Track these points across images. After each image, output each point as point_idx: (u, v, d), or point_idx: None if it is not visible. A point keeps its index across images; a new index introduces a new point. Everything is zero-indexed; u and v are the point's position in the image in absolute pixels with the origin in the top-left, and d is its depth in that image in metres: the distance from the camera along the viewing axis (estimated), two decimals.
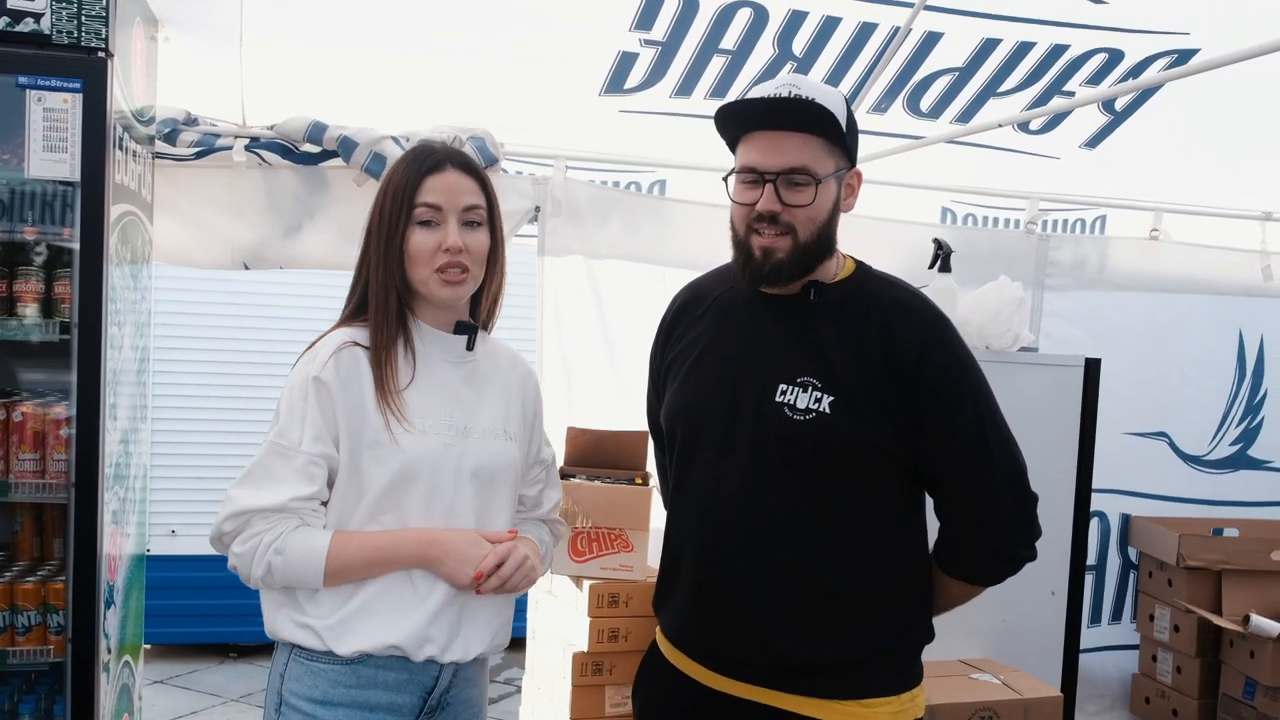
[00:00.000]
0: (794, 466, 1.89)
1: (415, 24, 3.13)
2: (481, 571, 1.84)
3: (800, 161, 1.85)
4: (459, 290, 1.92)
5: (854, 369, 1.88)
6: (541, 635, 3.44)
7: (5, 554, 3.02)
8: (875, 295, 1.96)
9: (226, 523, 1.83)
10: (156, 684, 5.33)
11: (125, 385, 2.89)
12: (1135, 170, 4.14)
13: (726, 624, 1.94)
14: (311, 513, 1.84)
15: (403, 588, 1.86)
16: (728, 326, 2.02)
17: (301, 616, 1.85)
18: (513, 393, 2.05)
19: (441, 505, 1.88)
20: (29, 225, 2.73)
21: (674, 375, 2.09)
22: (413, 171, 1.89)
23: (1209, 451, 4.63)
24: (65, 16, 2.56)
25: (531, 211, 3.68)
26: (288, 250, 3.46)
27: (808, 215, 1.87)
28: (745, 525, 1.92)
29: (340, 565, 1.82)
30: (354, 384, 1.84)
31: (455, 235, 1.88)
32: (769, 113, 1.87)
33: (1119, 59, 3.45)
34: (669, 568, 2.08)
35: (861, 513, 1.92)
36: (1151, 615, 4.24)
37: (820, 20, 3.21)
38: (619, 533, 3.15)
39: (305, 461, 1.82)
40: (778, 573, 1.90)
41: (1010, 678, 3.09)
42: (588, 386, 3.79)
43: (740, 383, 1.95)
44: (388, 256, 1.88)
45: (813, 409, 1.87)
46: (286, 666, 1.87)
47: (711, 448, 1.97)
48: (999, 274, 3.51)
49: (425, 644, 1.86)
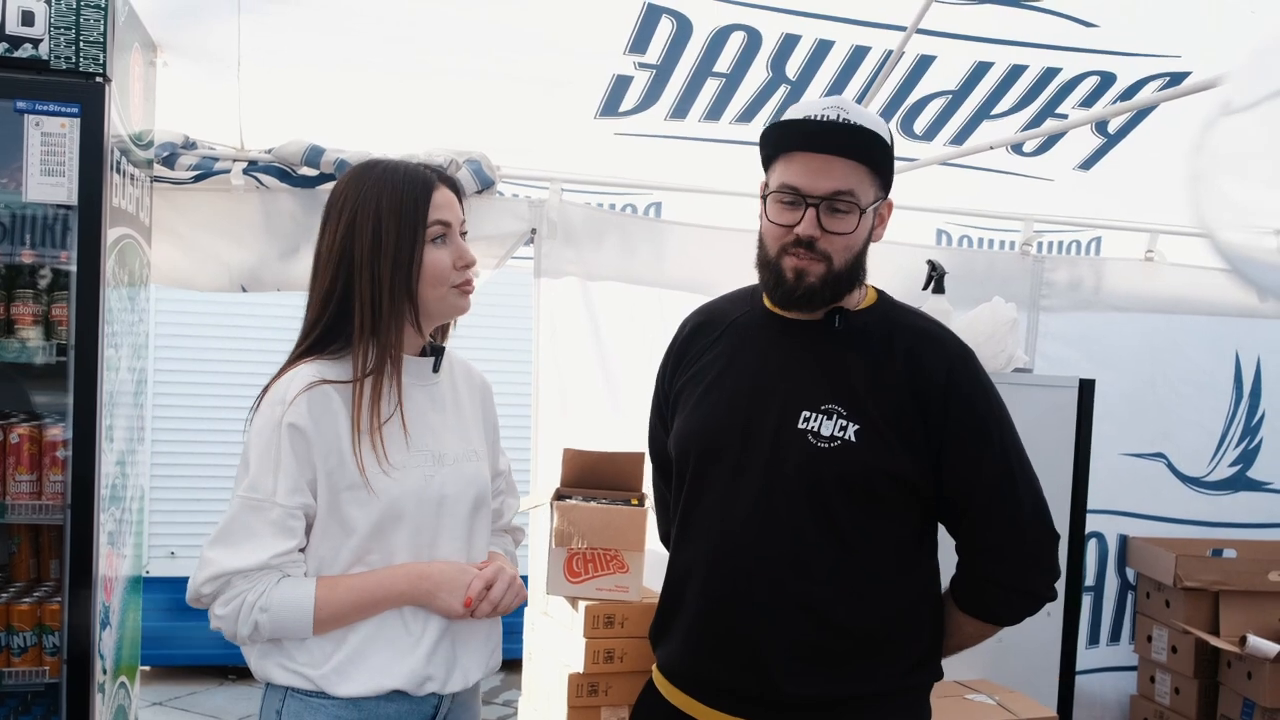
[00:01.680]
0: (812, 495, 1.83)
1: (411, 48, 3.16)
2: (470, 597, 1.81)
3: (847, 186, 1.80)
4: (469, 300, 1.90)
5: (879, 398, 1.83)
6: (537, 656, 3.44)
7: (2, 575, 3.02)
8: (899, 324, 1.92)
9: (205, 585, 1.76)
10: (155, 705, 5.31)
11: (122, 407, 2.90)
12: (1130, 192, 4.15)
13: (730, 655, 1.88)
14: (291, 563, 1.78)
15: (395, 628, 1.81)
16: (745, 351, 1.96)
17: (292, 664, 1.80)
18: (474, 409, 2.01)
19: (426, 538, 1.85)
20: (27, 248, 2.75)
21: (686, 399, 2.01)
22: (416, 190, 1.82)
23: (1208, 473, 4.63)
24: (63, 42, 2.58)
25: (527, 234, 3.69)
26: (285, 273, 3.47)
27: (845, 243, 1.82)
28: (756, 553, 1.86)
29: (330, 613, 1.76)
30: (328, 424, 1.76)
31: (469, 250, 1.87)
32: (821, 135, 1.81)
33: (1111, 81, 3.47)
34: (670, 599, 2.00)
35: (877, 545, 1.86)
36: (1149, 636, 4.23)
37: (814, 43, 3.23)
38: (614, 554, 3.14)
39: (282, 515, 1.75)
40: (788, 603, 1.84)
41: (1006, 698, 3.08)
42: (584, 408, 3.80)
43: (758, 408, 1.89)
44: (393, 279, 1.79)
45: (838, 437, 1.82)
46: (284, 704, 1.81)
47: (725, 473, 1.90)
48: (994, 295, 3.52)
49: (426, 682, 1.82)
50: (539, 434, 3.77)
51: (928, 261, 3.44)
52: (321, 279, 1.85)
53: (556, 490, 3.30)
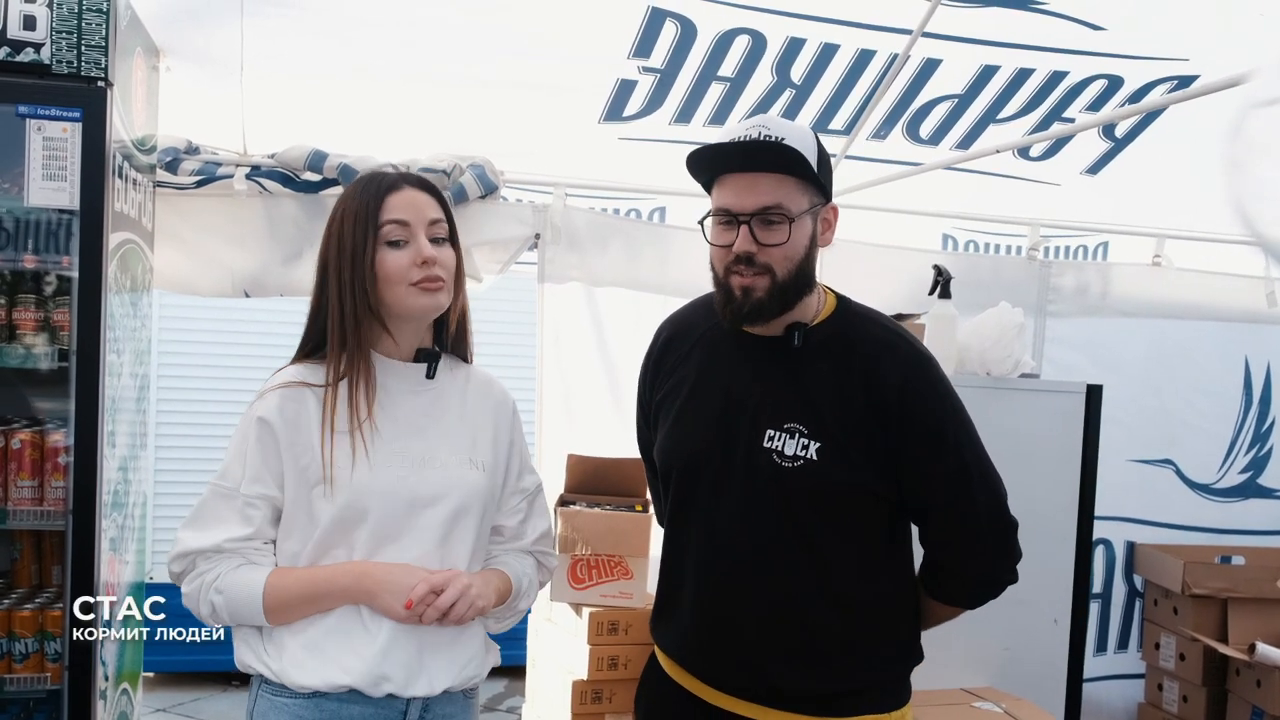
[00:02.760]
0: (785, 510, 1.93)
1: (414, 52, 3.15)
2: (411, 600, 1.78)
3: (774, 200, 1.86)
4: (438, 298, 1.86)
5: (838, 412, 1.92)
6: (541, 663, 3.42)
7: (4, 581, 3.01)
8: (857, 334, 1.98)
9: (174, 563, 1.85)
10: (159, 712, 5.31)
11: (124, 413, 2.89)
12: (1137, 196, 4.14)
13: (726, 656, 2.00)
14: (255, 551, 1.84)
15: (351, 624, 1.82)
16: (714, 368, 2.04)
17: (261, 651, 1.85)
18: (483, 420, 2.00)
19: (391, 538, 1.84)
20: (29, 254, 2.74)
21: (665, 414, 2.11)
22: (371, 193, 1.85)
23: (1217, 480, 4.60)
24: (65, 46, 2.58)
25: (531, 239, 3.68)
26: (288, 278, 3.47)
27: (783, 254, 1.88)
28: (740, 565, 1.96)
29: (278, 602, 1.80)
30: (300, 421, 1.82)
31: (429, 246, 1.84)
32: (739, 155, 1.88)
33: (1118, 85, 3.45)
34: (668, 591, 2.12)
35: (853, 552, 1.97)
36: (1157, 644, 4.20)
37: (819, 47, 3.22)
38: (618, 560, 3.14)
39: (242, 503, 1.83)
40: (774, 611, 1.95)
41: (1013, 706, 3.05)
42: (588, 414, 3.79)
43: (730, 427, 1.98)
44: (353, 283, 1.82)
45: (800, 455, 1.91)
46: (255, 703, 1.86)
47: (706, 489, 2.01)
48: (1000, 300, 3.50)
49: (382, 681, 1.81)
50: (542, 440, 3.76)
51: (934, 266, 3.42)
52: (315, 289, 1.92)
53: (560, 496, 3.29)
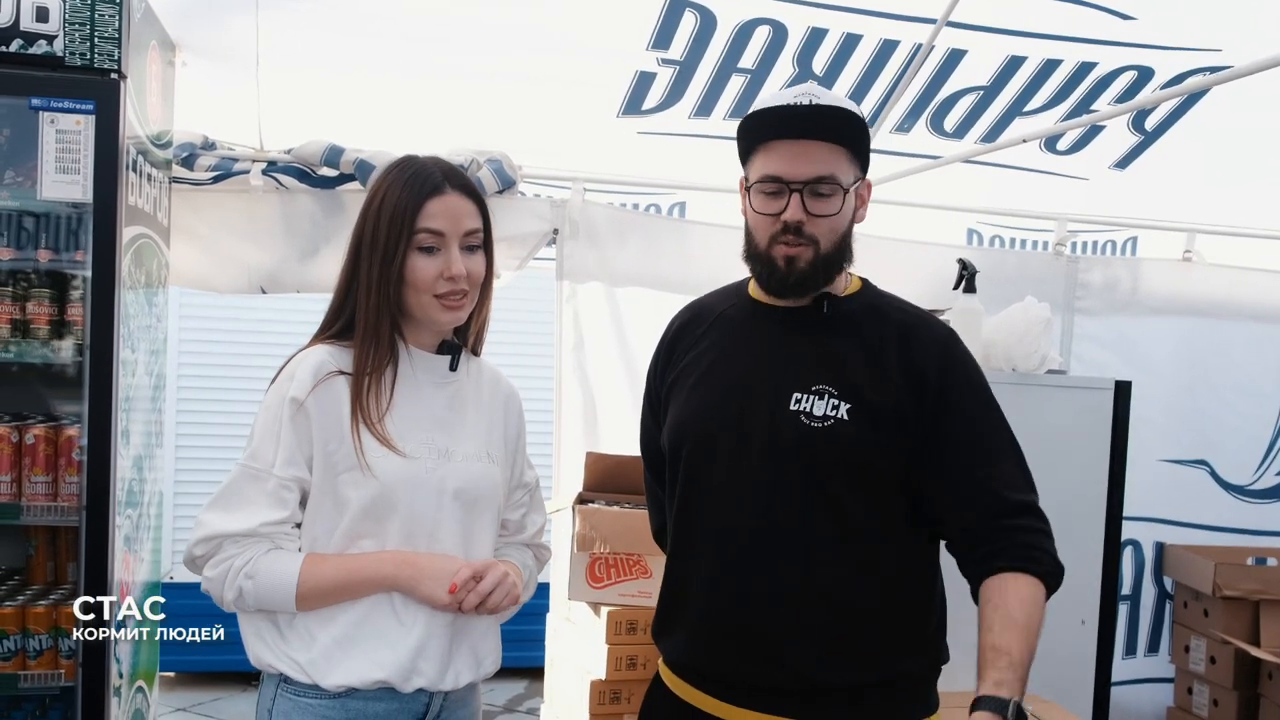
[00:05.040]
0: (811, 476, 1.81)
1: (431, 47, 3.13)
2: (456, 584, 1.78)
3: (828, 170, 1.80)
4: (458, 315, 1.87)
5: (871, 379, 1.83)
6: (560, 663, 3.39)
7: (19, 578, 3.01)
8: (886, 308, 1.94)
9: (198, 546, 1.80)
10: (179, 711, 5.31)
11: (139, 410, 2.88)
12: (1167, 191, 4.06)
13: (739, 646, 1.84)
14: (284, 536, 1.80)
15: (384, 615, 1.81)
16: (734, 340, 1.96)
17: (284, 646, 1.81)
18: (496, 415, 2.00)
19: (423, 530, 1.84)
20: (43, 248, 2.74)
21: (677, 393, 2.00)
22: (413, 193, 1.81)
23: (1253, 480, 4.52)
24: (78, 39, 2.57)
25: (549, 234, 3.66)
26: (305, 274, 3.45)
27: (831, 225, 1.83)
28: (760, 540, 1.83)
29: (312, 588, 1.77)
30: (332, 406, 1.80)
31: (458, 263, 1.82)
32: (795, 121, 1.82)
33: (1149, 77, 3.38)
34: (671, 596, 1.98)
35: (880, 525, 1.84)
36: (1187, 646, 4.12)
37: (841, 38, 3.17)
38: (637, 558, 3.10)
39: (276, 485, 1.79)
40: (796, 590, 1.81)
41: (1039, 709, 2.99)
42: (607, 410, 3.76)
43: (750, 394, 1.87)
44: (383, 281, 1.81)
45: (830, 415, 1.81)
46: (274, 702, 1.81)
47: (721, 462, 1.88)
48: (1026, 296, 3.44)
49: (414, 676, 1.81)
50: (561, 437, 3.73)
51: (958, 260, 3.36)
52: (345, 265, 1.89)
53: (579, 494, 3.26)
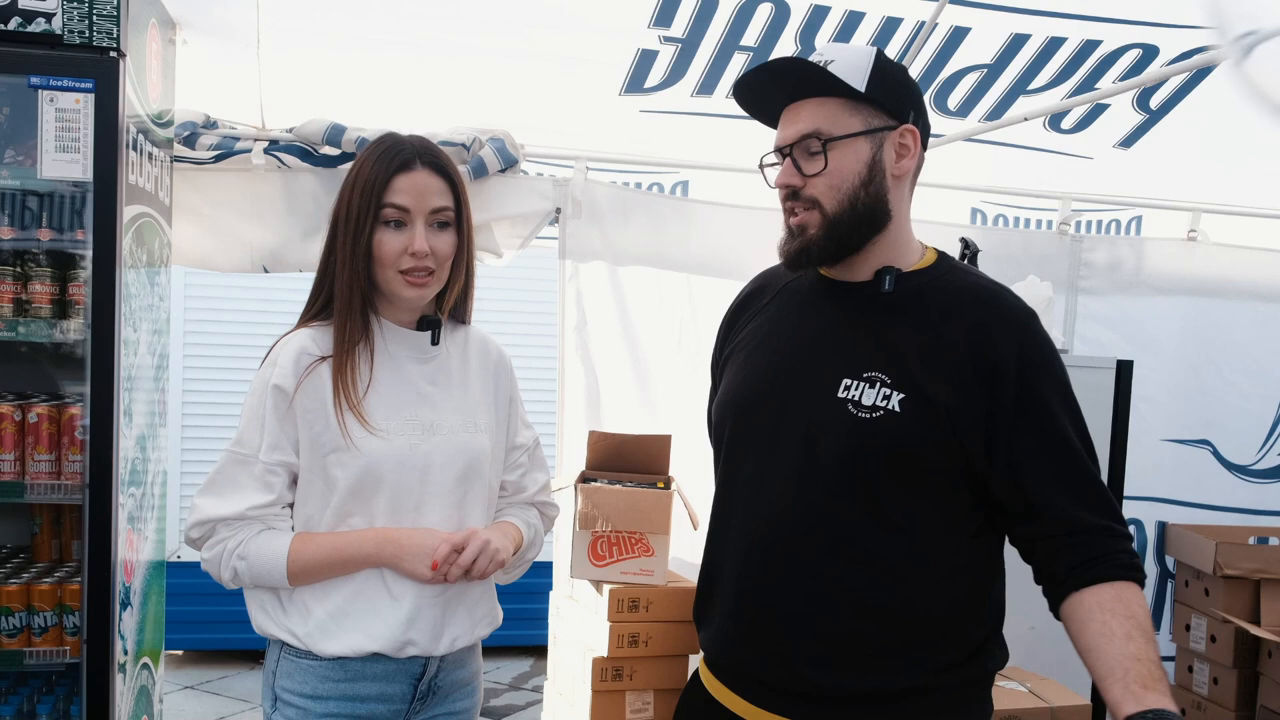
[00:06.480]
0: (851, 470, 1.68)
1: (433, 25, 3.11)
2: (436, 561, 1.84)
3: (811, 127, 1.70)
4: (423, 292, 1.90)
5: (930, 367, 1.68)
6: (562, 640, 3.41)
7: (24, 556, 3.03)
8: (959, 286, 1.76)
9: (193, 529, 1.89)
10: (187, 689, 5.34)
11: (141, 389, 2.89)
12: (1171, 170, 4.04)
13: (765, 647, 1.74)
14: (275, 516, 1.88)
15: (376, 589, 1.88)
16: (788, 315, 1.85)
17: (284, 618, 1.89)
18: (485, 383, 2.04)
19: (409, 505, 1.89)
20: (44, 227, 2.74)
21: (731, 366, 1.91)
22: (381, 169, 1.85)
23: (1256, 460, 4.51)
24: (76, 16, 2.56)
25: (552, 213, 3.65)
26: (307, 253, 3.44)
27: (827, 183, 1.70)
28: (790, 535, 1.72)
29: (301, 566, 1.85)
30: (315, 390, 1.85)
31: (421, 239, 1.85)
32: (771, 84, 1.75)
33: (1153, 55, 3.36)
34: (707, 581, 1.89)
35: (924, 525, 1.69)
36: (1187, 625, 4.12)
37: (843, 15, 3.15)
38: (640, 537, 3.11)
39: (263, 470, 1.85)
40: (825, 590, 1.70)
41: (1038, 685, 3.01)
42: (610, 389, 3.77)
43: (795, 376, 1.76)
44: (354, 255, 1.85)
45: (880, 406, 1.67)
46: (278, 664, 1.90)
47: (759, 447, 1.78)
48: (1030, 275, 3.44)
49: (407, 646, 1.88)
50: (564, 415, 3.73)
51: (960, 239, 3.35)
52: (325, 243, 1.95)
53: (581, 473, 3.26)
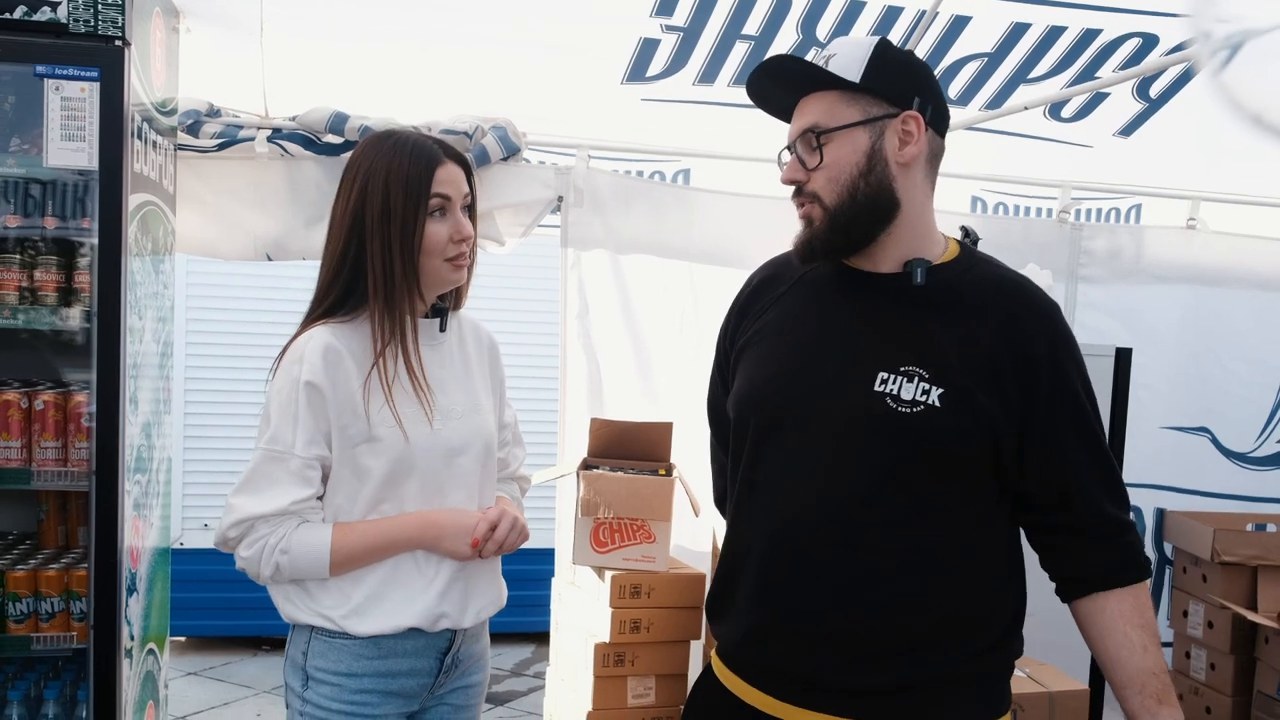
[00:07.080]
0: (888, 465, 1.68)
1: (435, 13, 3.12)
2: (477, 539, 1.96)
3: (810, 121, 1.73)
4: (464, 274, 2.02)
5: (966, 360, 1.67)
6: (564, 626, 3.43)
7: (31, 542, 3.05)
8: (988, 279, 1.77)
9: (230, 530, 1.92)
10: (190, 675, 5.38)
11: (147, 375, 2.90)
12: (1171, 158, 4.05)
13: (792, 639, 1.73)
14: (310, 510, 1.94)
15: (409, 570, 1.97)
16: (813, 306, 1.82)
17: (315, 605, 1.96)
18: (482, 366, 2.14)
19: (435, 488, 1.99)
20: (50, 215, 2.75)
21: (748, 359, 1.88)
22: (422, 164, 1.93)
23: (1255, 448, 4.52)
24: (82, 5, 2.57)
25: (554, 201, 3.66)
26: (310, 241, 3.45)
27: (826, 175, 1.71)
28: (822, 528, 1.70)
29: (344, 556, 1.92)
30: (341, 383, 1.91)
31: (466, 224, 1.97)
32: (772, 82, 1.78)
33: (1154, 44, 3.37)
34: (726, 575, 1.86)
35: (957, 519, 1.70)
36: (1185, 611, 4.14)
37: (845, 4, 3.16)
38: (641, 523, 3.13)
39: (300, 465, 1.90)
40: (856, 583, 1.69)
41: (1036, 671, 3.03)
42: (612, 377, 3.78)
43: (827, 370, 1.74)
44: (404, 248, 1.90)
45: (920, 401, 1.65)
46: (309, 644, 1.96)
47: (789, 440, 1.75)
48: (1030, 263, 3.44)
49: (440, 619, 1.98)
50: (566, 403, 3.75)
51: (960, 228, 3.35)
52: (335, 243, 1.97)
53: (583, 460, 3.29)
